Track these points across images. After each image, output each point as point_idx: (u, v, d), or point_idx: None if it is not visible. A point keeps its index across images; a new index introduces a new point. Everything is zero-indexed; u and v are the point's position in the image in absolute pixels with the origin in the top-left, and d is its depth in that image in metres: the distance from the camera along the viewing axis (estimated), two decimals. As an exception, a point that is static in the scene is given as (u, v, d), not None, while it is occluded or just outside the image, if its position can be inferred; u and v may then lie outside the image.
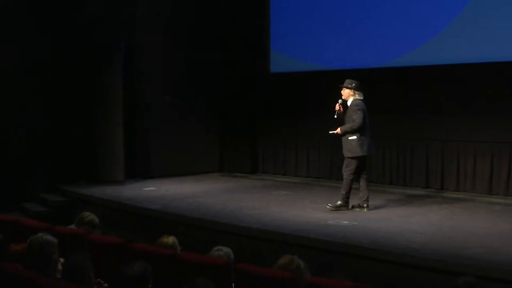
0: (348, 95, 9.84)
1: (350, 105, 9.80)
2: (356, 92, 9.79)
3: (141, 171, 13.77)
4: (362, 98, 9.81)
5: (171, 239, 5.82)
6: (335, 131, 9.88)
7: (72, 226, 7.02)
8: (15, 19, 12.70)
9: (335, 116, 9.82)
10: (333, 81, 12.78)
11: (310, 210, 10.10)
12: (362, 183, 9.84)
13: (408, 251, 7.34)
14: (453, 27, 11.34)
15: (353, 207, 9.92)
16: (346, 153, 9.82)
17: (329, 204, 9.89)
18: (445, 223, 9.04)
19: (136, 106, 13.79)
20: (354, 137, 9.69)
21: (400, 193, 11.58)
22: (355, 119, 9.65)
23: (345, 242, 7.86)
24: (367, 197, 9.82)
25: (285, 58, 13.89)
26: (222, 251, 5.54)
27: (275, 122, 14.27)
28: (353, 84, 9.80)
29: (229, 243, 6.45)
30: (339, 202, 9.86)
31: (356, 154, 9.69)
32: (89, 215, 7.05)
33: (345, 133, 9.78)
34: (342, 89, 9.89)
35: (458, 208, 10.23)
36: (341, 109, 9.82)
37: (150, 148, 13.97)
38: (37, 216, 11.11)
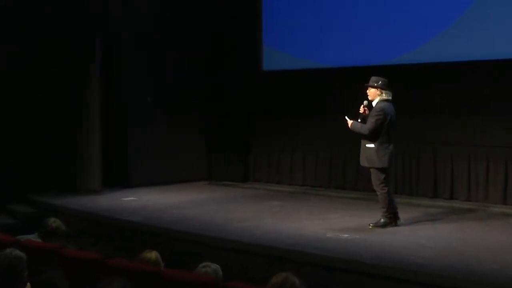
0: (375, 95, 9.46)
1: (374, 106, 9.46)
2: (383, 91, 9.43)
3: (120, 179, 13.77)
4: (389, 98, 9.47)
5: (154, 254, 5.83)
6: (348, 119, 9.56)
7: (34, 236, 6.97)
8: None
9: (359, 120, 9.52)
10: (332, 80, 12.94)
11: (307, 222, 10.13)
12: None
13: (414, 267, 7.38)
14: (461, 22, 11.42)
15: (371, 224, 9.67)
16: (363, 161, 9.57)
17: (371, 224, 9.57)
18: (455, 236, 9.08)
19: (115, 107, 13.79)
20: (372, 145, 9.38)
21: (405, 203, 11.57)
22: (368, 123, 9.36)
23: (345, 258, 7.90)
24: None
25: (279, 55, 13.91)
26: (210, 267, 5.56)
27: (268, 125, 14.28)
28: (380, 82, 9.43)
29: (217, 258, 6.48)
30: (382, 220, 9.54)
31: (373, 165, 9.43)
32: (54, 222, 7.00)
33: (353, 130, 9.51)
34: (367, 89, 9.52)
35: (469, 220, 10.27)
36: (366, 112, 9.50)
37: (130, 154, 13.97)
38: (5, 229, 11.07)
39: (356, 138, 9.73)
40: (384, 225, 9.50)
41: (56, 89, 13.20)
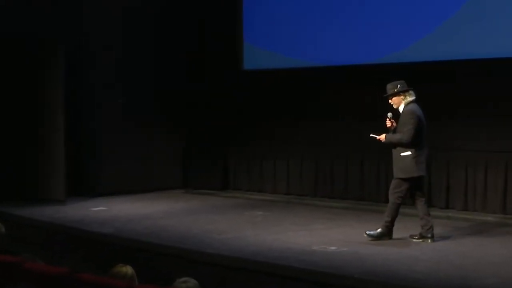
0: (399, 102, 9.34)
1: (402, 112, 9.34)
2: (406, 93, 9.33)
3: (88, 187, 13.74)
4: (414, 97, 9.35)
5: (129, 269, 5.82)
6: (377, 136, 9.45)
7: None
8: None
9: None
10: (319, 80, 12.95)
11: (291, 233, 10.15)
12: (421, 208, 9.42)
13: (409, 282, 7.41)
14: (455, 19, 11.50)
15: (411, 237, 9.55)
16: (398, 173, 9.36)
17: (367, 232, 9.50)
18: (452, 249, 9.13)
19: (81, 109, 13.75)
20: (408, 152, 9.20)
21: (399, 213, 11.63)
22: (405, 131, 9.21)
23: (332, 272, 7.91)
24: (431, 225, 9.38)
25: (261, 53, 13.91)
26: (190, 282, 5.56)
27: (249, 129, 14.27)
28: (398, 86, 9.33)
29: (194, 273, 6.48)
30: (379, 230, 9.45)
31: (411, 174, 9.25)
32: None
33: (390, 144, 9.38)
34: (389, 99, 9.40)
35: (467, 231, 10.32)
36: (394, 124, 9.38)
37: (99, 160, 13.94)
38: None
39: (344, 143, 9.73)
40: (380, 236, 9.44)
41: (17, 93, 13.13)
